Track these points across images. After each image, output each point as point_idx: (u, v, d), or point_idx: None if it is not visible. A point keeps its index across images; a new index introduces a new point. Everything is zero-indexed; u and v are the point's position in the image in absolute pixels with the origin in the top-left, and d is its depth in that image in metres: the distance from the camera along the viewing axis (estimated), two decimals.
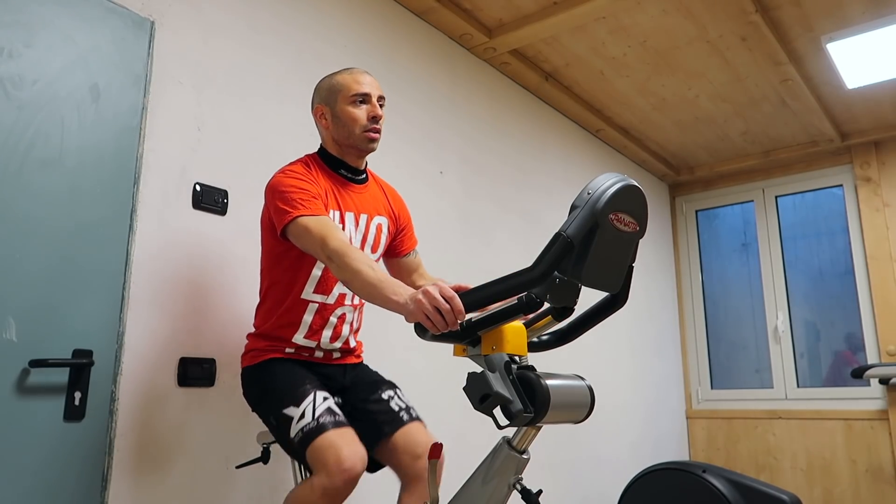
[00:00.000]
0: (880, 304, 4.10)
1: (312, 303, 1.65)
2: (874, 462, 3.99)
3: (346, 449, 1.44)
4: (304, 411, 1.50)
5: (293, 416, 1.51)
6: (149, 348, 1.75)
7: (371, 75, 1.75)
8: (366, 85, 1.70)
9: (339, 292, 1.69)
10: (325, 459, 1.43)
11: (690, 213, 5.07)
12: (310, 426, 1.48)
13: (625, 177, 1.23)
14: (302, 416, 1.50)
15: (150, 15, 1.89)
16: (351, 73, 1.73)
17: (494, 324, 1.28)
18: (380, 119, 1.69)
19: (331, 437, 1.46)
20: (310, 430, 1.47)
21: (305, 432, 1.47)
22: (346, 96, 1.69)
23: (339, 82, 1.72)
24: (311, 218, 1.52)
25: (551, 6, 2.88)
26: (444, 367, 2.67)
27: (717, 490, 2.44)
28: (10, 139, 1.55)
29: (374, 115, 1.68)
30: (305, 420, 1.49)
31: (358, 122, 1.68)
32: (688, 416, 4.72)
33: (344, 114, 1.69)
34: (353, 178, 1.75)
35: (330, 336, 1.69)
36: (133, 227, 1.76)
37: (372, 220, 1.76)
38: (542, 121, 3.69)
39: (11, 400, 1.48)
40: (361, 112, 1.68)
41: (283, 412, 1.53)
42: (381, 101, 1.72)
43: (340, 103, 1.70)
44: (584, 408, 1.37)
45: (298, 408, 1.51)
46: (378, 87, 1.73)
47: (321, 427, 1.48)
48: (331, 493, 1.41)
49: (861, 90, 3.65)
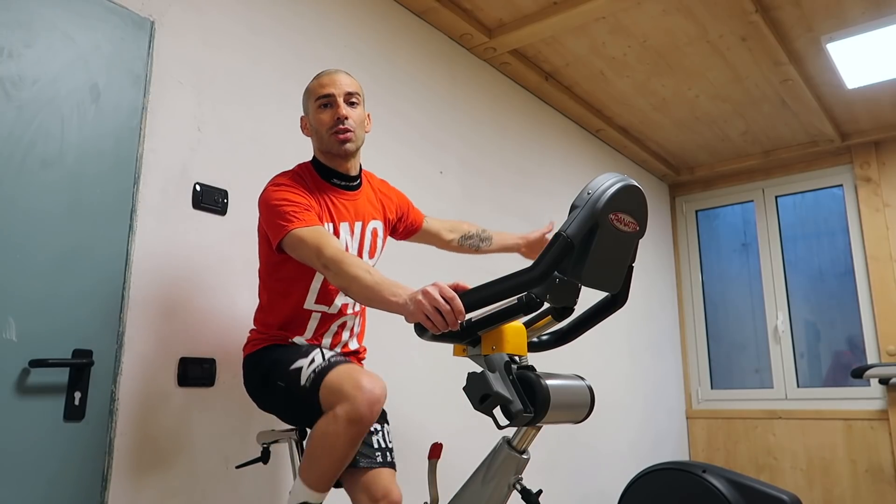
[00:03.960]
0: (880, 304, 4.10)
1: (315, 312, 1.64)
2: (874, 462, 3.99)
3: (366, 377, 1.39)
4: (313, 358, 1.48)
5: (302, 365, 1.48)
6: (149, 348, 1.75)
7: (341, 73, 1.69)
8: (328, 86, 1.65)
9: (341, 302, 1.67)
10: (342, 387, 1.37)
11: (690, 213, 5.07)
12: (321, 365, 1.45)
13: (625, 177, 1.24)
14: (312, 361, 1.47)
15: (150, 15, 1.89)
16: (318, 76, 1.70)
17: (494, 324, 1.28)
18: (346, 118, 1.63)
19: (345, 368, 1.43)
20: (322, 369, 1.44)
21: (318, 371, 1.44)
22: (313, 102, 1.67)
23: (308, 89, 1.70)
24: (305, 229, 1.50)
25: (551, 6, 2.88)
26: (444, 367, 2.67)
27: (717, 490, 2.44)
28: (11, 139, 1.55)
29: (337, 116, 1.63)
30: (316, 363, 1.46)
31: (324, 125, 1.64)
32: (688, 415, 4.72)
33: (314, 120, 1.67)
34: (346, 185, 1.71)
35: (329, 343, 1.69)
36: (133, 227, 1.76)
37: (367, 226, 1.74)
38: (542, 121, 3.69)
39: (11, 400, 1.48)
40: (326, 115, 1.64)
41: (290, 368, 1.50)
42: (351, 98, 1.66)
43: (311, 110, 1.69)
44: (584, 408, 1.37)
45: (307, 358, 1.49)
46: (346, 84, 1.66)
47: (333, 363, 1.45)
48: (355, 417, 1.34)
49: (861, 90, 3.65)
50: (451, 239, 2.05)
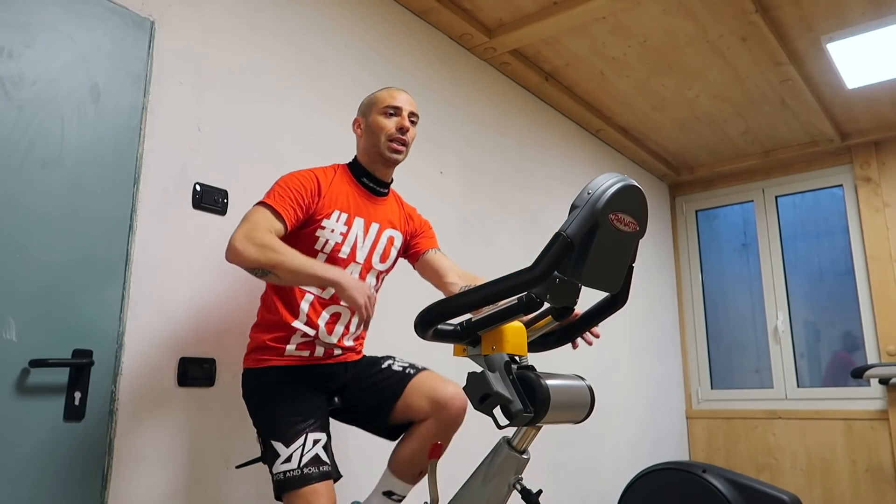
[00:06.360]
0: (880, 304, 4.10)
1: (308, 294, 1.69)
2: (874, 462, 3.99)
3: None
4: (290, 455, 1.52)
5: (280, 453, 1.53)
6: (149, 348, 1.75)
7: (408, 93, 1.84)
8: (399, 100, 1.80)
9: None
10: None
11: (690, 213, 5.07)
12: (293, 474, 1.51)
13: (625, 177, 1.23)
14: (288, 459, 1.52)
15: (150, 15, 1.89)
16: (389, 89, 1.84)
17: (494, 324, 1.28)
18: (407, 131, 1.77)
19: (307, 492, 1.49)
20: (291, 479, 1.50)
21: (287, 478, 1.50)
22: (379, 108, 1.79)
23: (376, 96, 1.83)
24: (263, 209, 1.58)
25: (551, 6, 2.88)
26: (444, 367, 2.67)
27: (717, 490, 2.44)
28: (11, 139, 1.55)
29: (401, 126, 1.77)
30: (290, 465, 1.51)
31: (384, 130, 1.76)
32: (688, 416, 4.72)
33: (375, 123, 1.78)
34: (374, 188, 1.81)
35: (324, 331, 1.71)
36: (133, 227, 1.76)
37: (383, 231, 1.81)
38: (542, 121, 3.69)
39: (11, 400, 1.48)
40: (390, 122, 1.77)
41: (271, 442, 1.56)
42: (413, 118, 1.81)
43: (373, 114, 1.80)
44: (584, 408, 1.37)
45: (287, 448, 1.53)
46: (412, 105, 1.82)
47: (304, 478, 1.50)
48: None
49: (861, 90, 3.65)
50: (453, 284, 1.82)
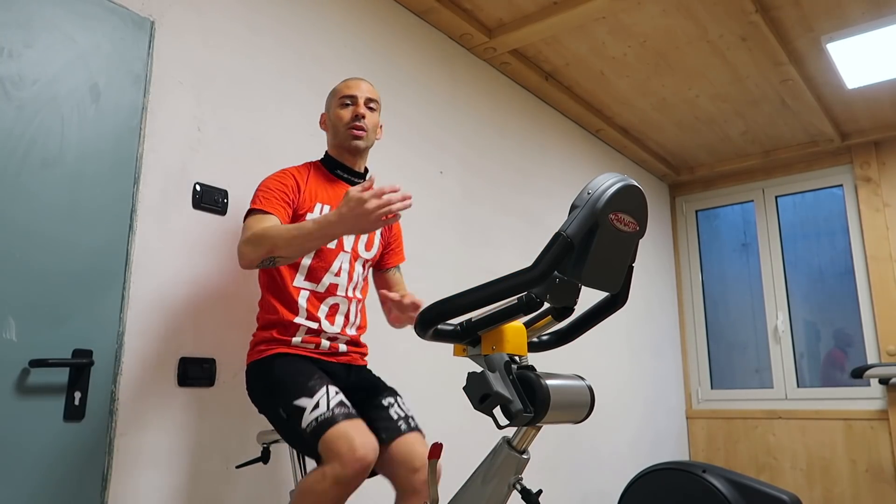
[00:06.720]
0: (880, 304, 4.10)
1: (304, 290, 1.71)
2: (874, 462, 3.99)
3: (360, 438, 1.46)
4: (318, 402, 1.52)
5: (306, 406, 1.52)
6: (149, 348, 1.75)
7: (366, 81, 1.88)
8: (352, 88, 1.85)
9: (329, 282, 1.75)
10: (338, 448, 1.44)
11: (690, 213, 5.07)
12: (324, 416, 1.49)
13: (625, 176, 1.23)
14: (316, 406, 1.51)
15: (150, 15, 1.89)
16: (346, 80, 1.89)
17: (494, 324, 1.28)
18: (363, 117, 1.81)
19: (344, 426, 1.47)
20: (324, 420, 1.48)
21: (320, 422, 1.48)
22: (336, 100, 1.86)
23: (335, 89, 1.89)
24: (257, 214, 1.65)
25: (551, 6, 2.88)
26: (444, 367, 2.67)
27: (717, 490, 2.44)
28: (10, 139, 1.55)
29: (356, 113, 1.82)
30: (320, 410, 1.50)
31: (342, 119, 1.83)
32: (688, 415, 4.72)
33: (334, 115, 1.85)
34: (349, 179, 1.86)
35: (326, 323, 1.72)
36: (133, 227, 1.76)
37: None
38: (542, 121, 3.69)
39: (11, 400, 1.48)
40: (347, 112, 1.83)
41: (294, 403, 1.54)
42: (370, 104, 1.85)
43: (333, 107, 1.87)
44: (584, 408, 1.37)
45: (312, 398, 1.53)
46: (369, 91, 1.86)
47: (335, 417, 1.49)
48: (342, 481, 1.42)
49: (861, 90, 3.65)
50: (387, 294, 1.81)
